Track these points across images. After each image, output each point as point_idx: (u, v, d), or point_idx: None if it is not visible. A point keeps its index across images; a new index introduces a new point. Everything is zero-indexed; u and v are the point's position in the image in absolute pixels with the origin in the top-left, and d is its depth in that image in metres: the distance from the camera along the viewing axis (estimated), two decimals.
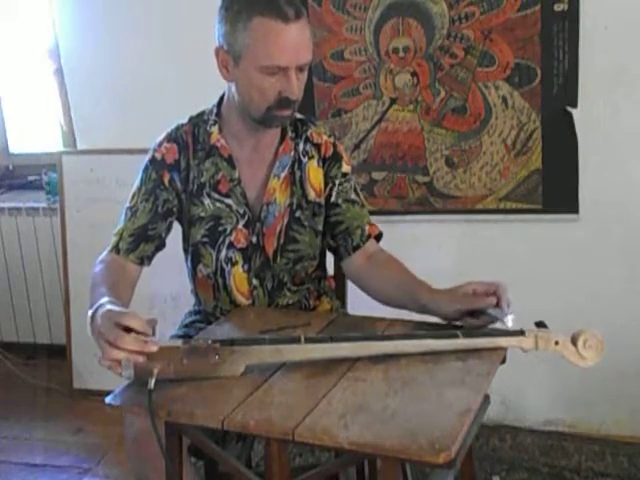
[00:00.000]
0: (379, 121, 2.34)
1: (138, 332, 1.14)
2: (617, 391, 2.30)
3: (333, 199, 1.58)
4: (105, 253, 1.53)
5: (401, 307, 1.47)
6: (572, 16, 2.09)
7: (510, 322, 1.28)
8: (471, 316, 1.35)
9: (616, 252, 2.24)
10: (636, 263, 2.23)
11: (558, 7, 2.10)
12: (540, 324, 1.32)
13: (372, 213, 1.64)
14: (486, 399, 1.24)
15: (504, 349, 1.28)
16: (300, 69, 1.41)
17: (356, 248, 1.57)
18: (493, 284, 1.36)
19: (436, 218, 2.36)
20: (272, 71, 1.38)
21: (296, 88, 1.41)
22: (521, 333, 1.28)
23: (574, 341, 1.27)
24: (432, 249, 2.38)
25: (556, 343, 1.27)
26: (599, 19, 2.09)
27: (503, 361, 1.27)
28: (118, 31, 2.59)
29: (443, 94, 2.26)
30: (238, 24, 1.38)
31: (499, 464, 2.23)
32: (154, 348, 1.15)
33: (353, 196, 1.60)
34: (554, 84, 2.16)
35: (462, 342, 1.27)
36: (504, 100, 2.21)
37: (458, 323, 1.37)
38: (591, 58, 2.11)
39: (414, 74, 2.27)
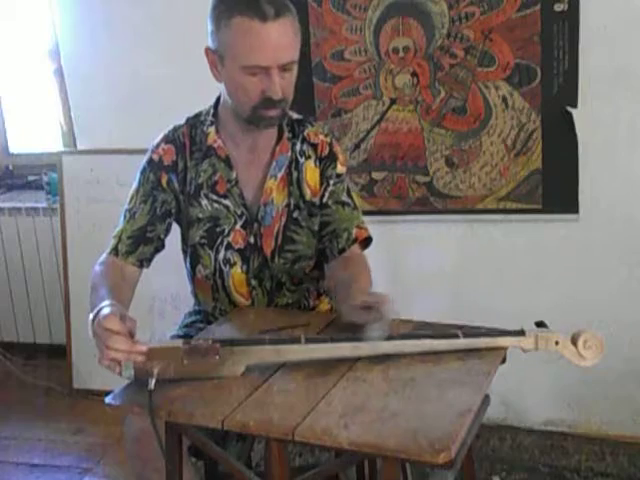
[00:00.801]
0: (379, 121, 2.34)
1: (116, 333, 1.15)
2: (617, 391, 2.30)
3: (324, 200, 1.58)
4: (104, 255, 1.53)
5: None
6: (572, 16, 2.09)
7: (365, 339, 1.23)
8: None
9: (616, 252, 2.24)
10: (636, 263, 2.23)
11: (558, 7, 2.10)
12: (540, 324, 1.33)
13: (372, 213, 1.64)
14: (486, 399, 1.24)
15: (504, 349, 1.28)
16: (284, 69, 1.40)
17: (341, 251, 1.56)
18: (375, 297, 1.29)
19: (436, 218, 2.36)
20: (253, 71, 1.38)
21: (279, 88, 1.40)
22: (521, 333, 1.28)
23: (574, 341, 1.27)
24: (432, 249, 2.38)
25: (556, 343, 1.27)
26: (599, 19, 2.08)
27: (503, 361, 1.28)
28: (118, 31, 2.59)
29: (443, 94, 2.26)
30: (220, 24, 1.38)
31: (499, 464, 2.23)
32: (142, 348, 1.16)
33: (344, 198, 1.59)
34: (554, 84, 2.16)
35: (462, 342, 1.27)
36: (504, 100, 2.21)
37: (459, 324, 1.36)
38: (591, 58, 2.11)
39: (414, 74, 2.27)
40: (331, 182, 1.58)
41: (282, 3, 1.38)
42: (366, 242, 1.59)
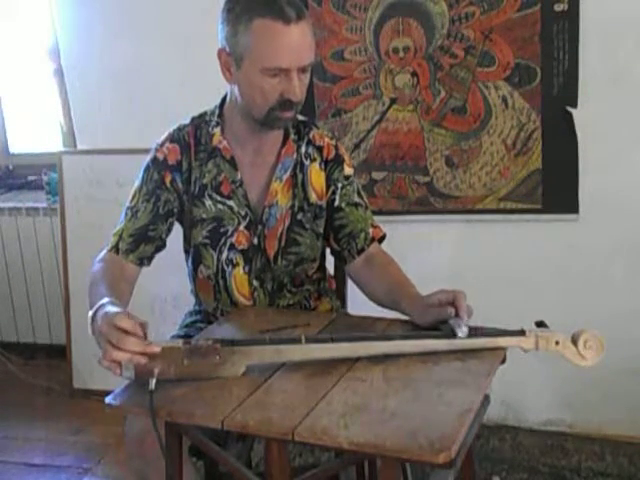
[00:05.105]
0: (379, 121, 2.34)
1: (128, 333, 1.14)
2: (617, 391, 2.30)
3: (337, 203, 1.58)
4: (104, 252, 1.53)
5: (390, 310, 1.48)
6: (572, 16, 2.09)
7: (461, 334, 1.26)
8: (444, 324, 1.32)
9: (616, 252, 2.24)
10: (636, 263, 2.23)
11: (558, 7, 2.10)
12: (540, 324, 1.33)
13: (372, 213, 1.64)
14: (486, 399, 1.24)
15: (504, 349, 1.28)
16: (302, 70, 1.41)
17: (360, 252, 1.58)
18: (451, 293, 1.33)
19: (436, 218, 2.36)
20: (273, 73, 1.38)
21: (298, 90, 1.41)
22: (521, 333, 1.28)
23: (574, 341, 1.27)
24: (432, 249, 2.38)
25: (556, 343, 1.27)
26: (599, 19, 2.09)
27: (503, 361, 1.27)
28: (118, 31, 2.59)
29: (443, 94, 2.26)
30: (239, 26, 1.38)
31: (499, 464, 2.23)
32: (156, 349, 1.15)
33: (356, 199, 1.60)
34: (554, 84, 2.16)
35: (462, 342, 1.27)
36: (504, 100, 2.21)
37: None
38: (591, 58, 2.11)
39: (414, 74, 2.27)
40: (339, 185, 1.58)
41: (300, 6, 1.39)
42: (381, 240, 1.61)
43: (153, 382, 1.14)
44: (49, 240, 2.97)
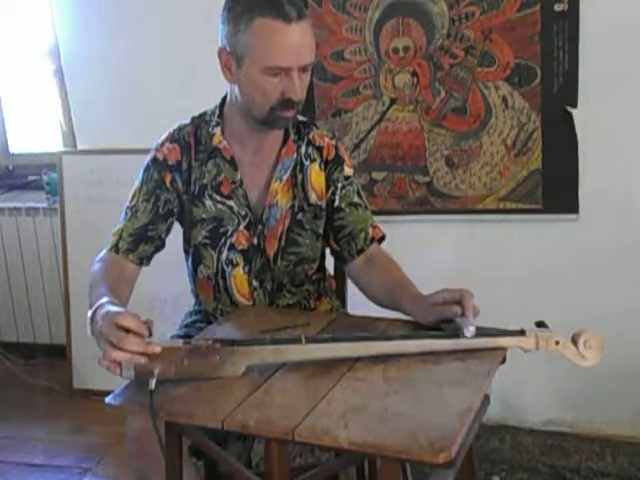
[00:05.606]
0: (379, 121, 2.34)
1: (133, 332, 1.14)
2: (617, 391, 2.30)
3: (337, 203, 1.58)
4: (104, 252, 1.53)
5: (391, 310, 1.48)
6: (572, 16, 2.09)
7: (468, 334, 1.26)
8: (447, 323, 1.33)
9: (616, 252, 2.24)
10: (636, 263, 2.23)
11: (558, 7, 2.10)
12: (540, 324, 1.33)
13: (372, 213, 1.65)
14: (486, 399, 1.24)
15: (504, 349, 1.28)
16: (303, 70, 1.41)
17: (360, 252, 1.58)
18: (458, 291, 1.33)
19: (436, 218, 2.36)
20: (274, 72, 1.38)
21: (299, 89, 1.41)
22: (521, 333, 1.28)
23: (575, 341, 1.27)
24: (432, 249, 2.38)
25: (556, 343, 1.27)
26: (599, 19, 2.09)
27: (503, 361, 1.27)
28: (118, 31, 2.59)
29: (443, 94, 2.26)
30: (240, 25, 1.38)
31: (499, 464, 2.23)
32: (157, 349, 1.15)
33: (356, 199, 1.60)
34: (554, 84, 2.16)
35: (462, 342, 1.27)
36: (504, 100, 2.21)
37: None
38: (591, 58, 2.11)
39: (414, 74, 2.27)
40: (339, 185, 1.58)
41: (301, 5, 1.39)
42: (380, 240, 1.61)
43: (153, 382, 1.14)
44: (49, 240, 2.97)
